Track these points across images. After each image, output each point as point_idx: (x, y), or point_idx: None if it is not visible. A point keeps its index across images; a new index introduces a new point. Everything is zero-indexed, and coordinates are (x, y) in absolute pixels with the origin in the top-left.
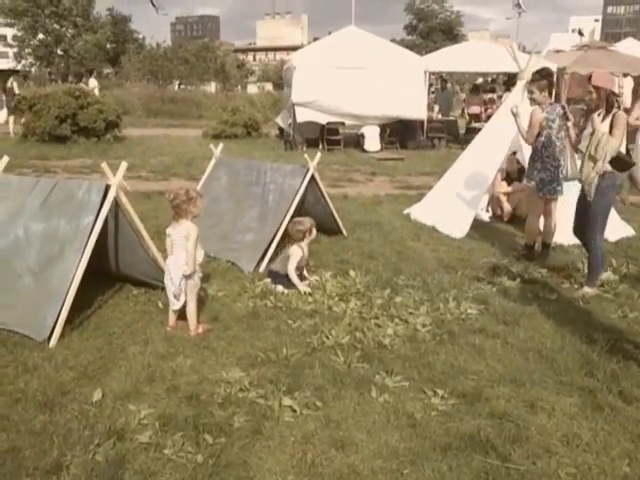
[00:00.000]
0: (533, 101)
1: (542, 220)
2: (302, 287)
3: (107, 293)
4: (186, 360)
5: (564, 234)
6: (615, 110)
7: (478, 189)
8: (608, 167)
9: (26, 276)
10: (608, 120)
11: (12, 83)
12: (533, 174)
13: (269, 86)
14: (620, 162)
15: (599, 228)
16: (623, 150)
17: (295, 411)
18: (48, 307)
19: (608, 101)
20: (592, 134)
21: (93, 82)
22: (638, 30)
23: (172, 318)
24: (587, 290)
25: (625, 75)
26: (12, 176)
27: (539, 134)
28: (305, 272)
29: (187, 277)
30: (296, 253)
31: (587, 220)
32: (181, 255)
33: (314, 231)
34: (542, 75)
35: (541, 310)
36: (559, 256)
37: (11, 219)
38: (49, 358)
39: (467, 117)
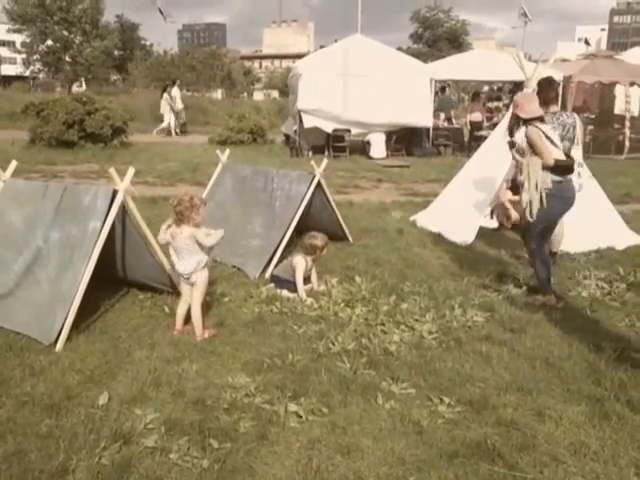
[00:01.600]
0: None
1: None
2: (305, 298)
3: (113, 297)
4: (192, 365)
5: (570, 242)
6: (523, 128)
7: (484, 196)
8: (548, 180)
9: (45, 283)
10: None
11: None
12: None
13: (275, 93)
14: (560, 168)
15: (539, 233)
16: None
17: (301, 417)
18: (56, 311)
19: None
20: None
21: (176, 91)
22: None
23: (179, 322)
24: (539, 298)
25: (631, 84)
26: (21, 180)
27: None
28: (313, 279)
29: (202, 266)
30: (300, 264)
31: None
32: (192, 258)
33: (325, 251)
34: (541, 87)
35: (548, 318)
36: (565, 264)
37: (29, 228)
38: (56, 362)
39: (468, 125)
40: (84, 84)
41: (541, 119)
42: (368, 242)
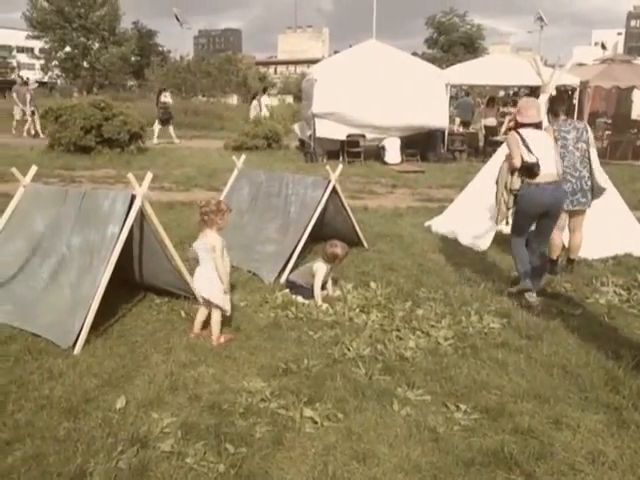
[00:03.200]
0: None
1: (567, 234)
2: (323, 306)
3: (131, 302)
4: (208, 369)
5: (588, 249)
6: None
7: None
8: (517, 183)
9: (66, 288)
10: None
11: (165, 96)
12: None
13: (290, 99)
14: (526, 171)
15: (514, 229)
16: None
17: (316, 422)
18: (76, 315)
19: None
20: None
21: (266, 99)
22: None
23: (197, 326)
24: (509, 289)
25: None
26: (41, 185)
27: None
28: (329, 285)
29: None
30: (321, 271)
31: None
32: (208, 266)
33: (344, 260)
34: (551, 103)
35: (565, 325)
36: (583, 271)
37: (54, 234)
38: (74, 365)
39: (483, 130)
40: (169, 95)
41: (537, 125)
42: (383, 248)
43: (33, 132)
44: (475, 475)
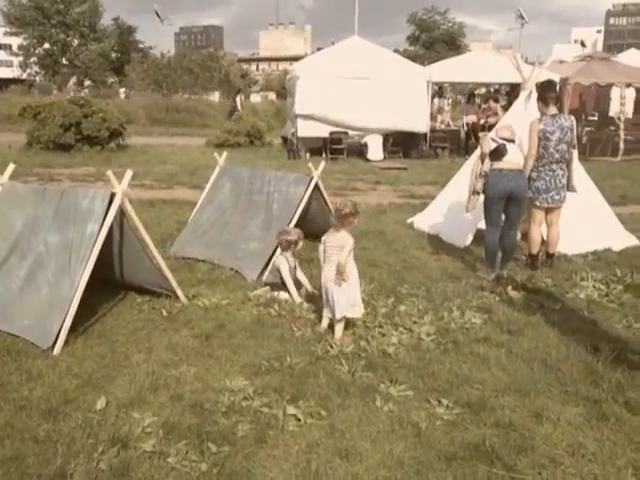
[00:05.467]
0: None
1: (545, 230)
2: (297, 298)
3: (111, 301)
4: (190, 368)
5: (568, 244)
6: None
7: (482, 199)
8: (485, 167)
9: (44, 287)
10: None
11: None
12: (529, 183)
13: (272, 95)
14: (494, 153)
15: (486, 216)
16: None
17: (299, 420)
18: (54, 315)
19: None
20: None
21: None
22: None
23: (324, 322)
24: (479, 273)
25: (627, 86)
26: (19, 184)
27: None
28: (302, 279)
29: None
30: (283, 263)
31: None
32: (334, 263)
33: (300, 244)
34: (542, 88)
35: (545, 319)
36: (563, 266)
37: (31, 232)
38: (53, 366)
39: (465, 126)
40: (239, 99)
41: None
42: (366, 244)
43: None
44: (457, 469)
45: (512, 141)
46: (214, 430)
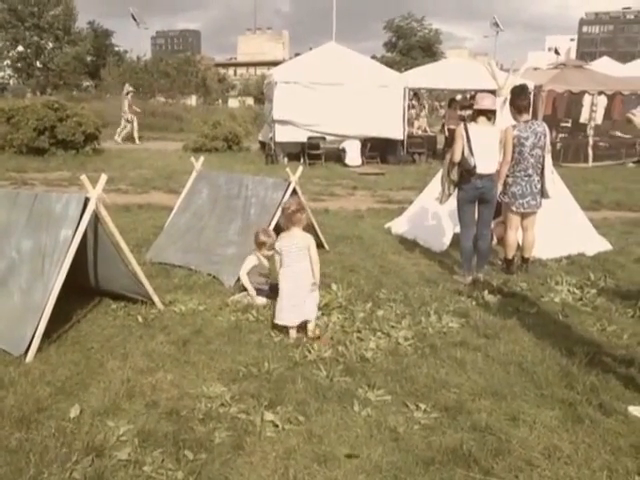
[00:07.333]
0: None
1: (520, 234)
2: (257, 299)
3: (85, 307)
4: (166, 375)
5: (542, 248)
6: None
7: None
8: (454, 177)
9: (17, 293)
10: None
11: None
12: (505, 189)
13: (250, 100)
14: (465, 170)
15: (460, 217)
16: None
17: (277, 426)
18: (27, 322)
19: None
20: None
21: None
22: (613, 49)
23: (292, 332)
24: (455, 277)
25: (600, 93)
26: None
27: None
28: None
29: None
30: (249, 260)
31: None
32: (301, 265)
33: (266, 251)
34: (513, 94)
35: (521, 323)
36: (538, 270)
37: (2, 237)
38: (25, 373)
39: (446, 132)
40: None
41: (491, 112)
42: (344, 249)
43: None
44: (435, 474)
45: (493, 111)
46: (190, 437)
